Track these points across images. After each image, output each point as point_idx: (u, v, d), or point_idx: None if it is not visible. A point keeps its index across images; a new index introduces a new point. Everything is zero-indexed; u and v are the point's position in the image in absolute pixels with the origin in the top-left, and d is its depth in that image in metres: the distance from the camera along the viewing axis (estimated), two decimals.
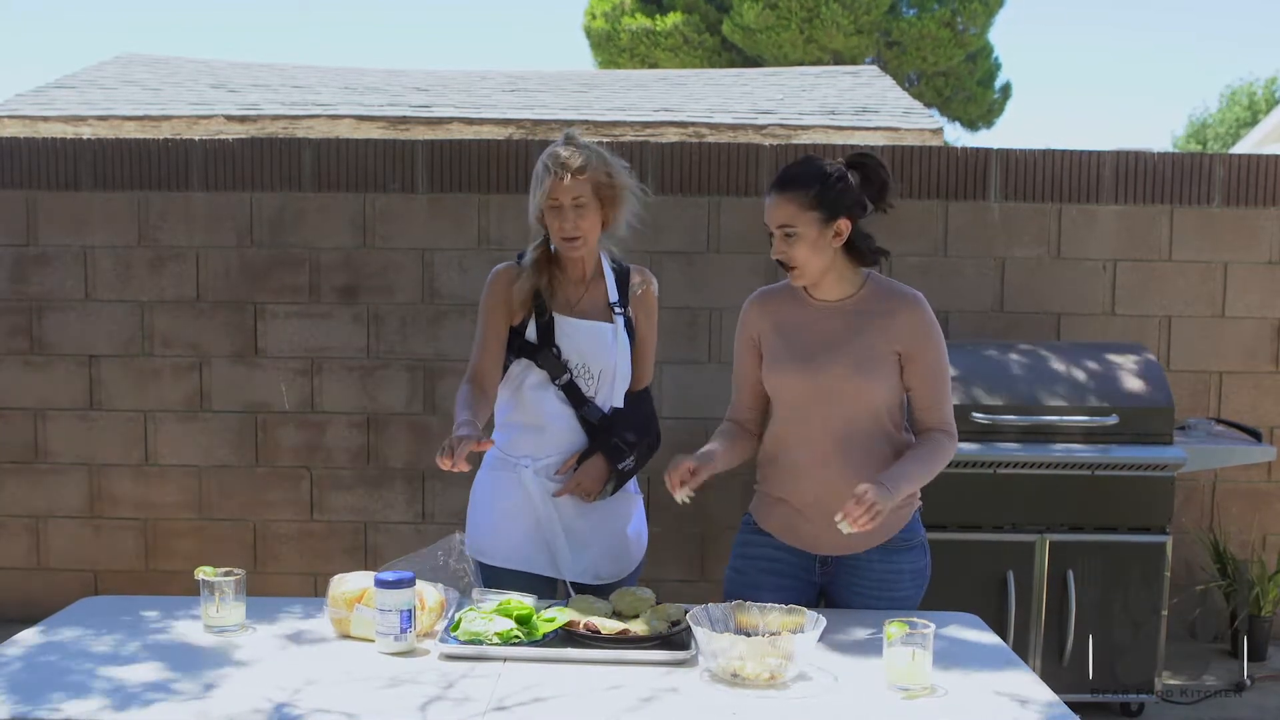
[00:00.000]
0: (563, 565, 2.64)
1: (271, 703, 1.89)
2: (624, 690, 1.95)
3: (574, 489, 2.61)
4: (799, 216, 2.31)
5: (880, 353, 2.38)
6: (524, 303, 2.60)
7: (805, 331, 2.42)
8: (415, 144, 4.55)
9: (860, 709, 1.90)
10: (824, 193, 2.31)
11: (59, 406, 4.59)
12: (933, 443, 2.41)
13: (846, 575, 2.46)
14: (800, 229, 2.32)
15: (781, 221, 2.33)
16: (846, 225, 2.34)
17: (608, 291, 2.65)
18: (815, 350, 2.39)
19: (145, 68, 9.85)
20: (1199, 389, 4.52)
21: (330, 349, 4.54)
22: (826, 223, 2.32)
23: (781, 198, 2.34)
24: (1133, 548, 3.71)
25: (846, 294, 2.43)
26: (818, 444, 2.40)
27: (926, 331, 2.41)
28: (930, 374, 2.42)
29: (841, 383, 2.36)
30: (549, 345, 2.59)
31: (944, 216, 4.48)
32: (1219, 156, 4.54)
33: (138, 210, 4.53)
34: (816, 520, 2.39)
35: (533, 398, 2.63)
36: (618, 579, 2.69)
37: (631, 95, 9.13)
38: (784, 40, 15.54)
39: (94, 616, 2.36)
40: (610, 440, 2.61)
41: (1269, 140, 11.87)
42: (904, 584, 2.46)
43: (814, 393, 2.38)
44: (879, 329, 2.39)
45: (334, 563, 4.45)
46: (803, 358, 2.39)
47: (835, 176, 2.33)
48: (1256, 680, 4.13)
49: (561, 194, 2.50)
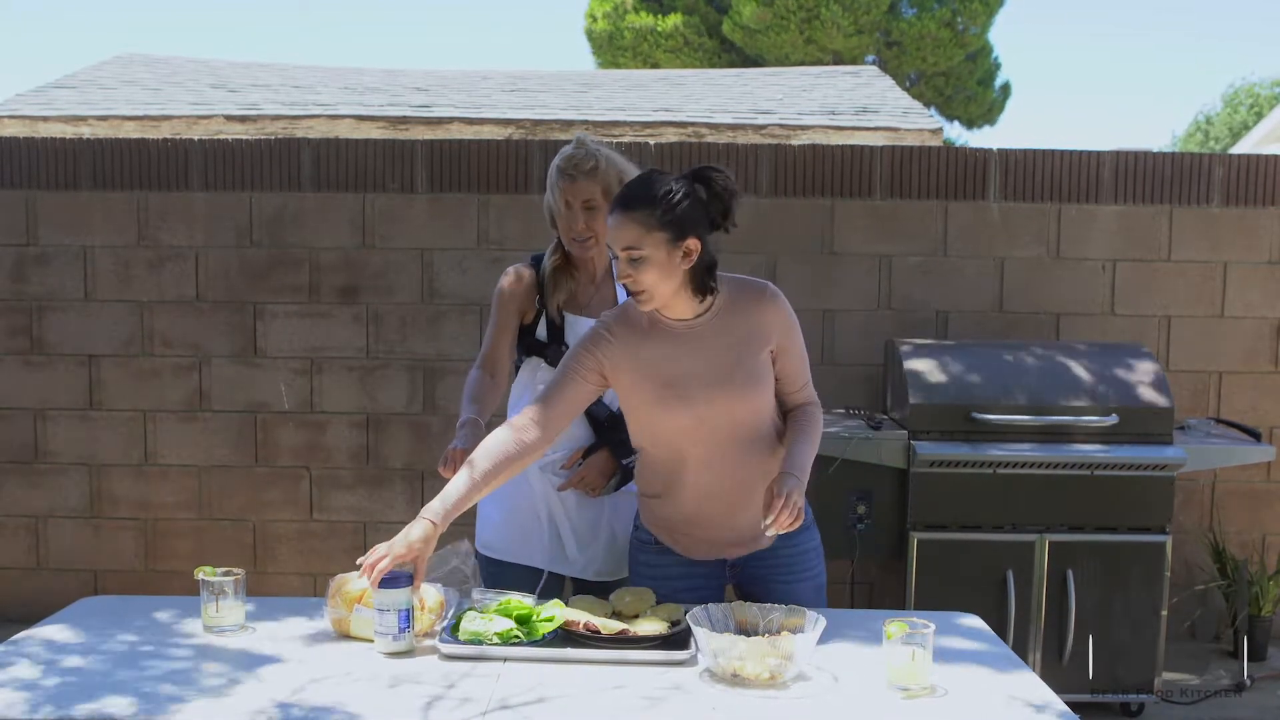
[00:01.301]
0: (569, 559, 2.68)
1: (272, 703, 1.89)
2: (623, 690, 1.95)
3: (578, 484, 2.64)
4: (645, 238, 2.14)
5: (760, 362, 2.28)
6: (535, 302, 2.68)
7: (674, 364, 2.26)
8: (415, 144, 4.55)
9: (860, 709, 1.90)
10: (669, 211, 2.15)
11: (59, 406, 4.59)
12: (808, 418, 2.35)
13: (755, 568, 2.44)
14: (647, 251, 2.14)
15: (626, 244, 2.15)
16: (696, 244, 2.18)
17: (616, 292, 2.70)
18: (695, 385, 2.25)
19: (145, 68, 9.85)
20: (1199, 389, 4.52)
21: (330, 349, 4.55)
22: (674, 243, 2.15)
23: (625, 217, 2.15)
24: (1133, 548, 3.71)
25: (700, 310, 2.27)
26: (707, 459, 2.32)
27: (788, 319, 2.32)
28: (798, 357, 2.35)
29: (732, 407, 2.27)
30: (559, 343, 2.64)
31: (943, 216, 4.49)
32: (1218, 156, 4.54)
33: (137, 210, 4.53)
34: (716, 528, 2.38)
35: None
36: (615, 577, 2.70)
37: (631, 95, 9.13)
38: (784, 41, 15.54)
39: (94, 616, 2.36)
40: (616, 436, 2.63)
41: (1269, 140, 11.87)
42: (811, 560, 2.45)
43: (701, 423, 2.27)
44: (748, 336, 2.28)
45: (334, 563, 4.45)
46: (683, 397, 2.25)
47: (681, 193, 2.17)
48: (1256, 680, 4.13)
49: (573, 195, 2.58)
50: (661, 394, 2.27)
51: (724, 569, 2.46)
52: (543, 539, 2.69)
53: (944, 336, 4.46)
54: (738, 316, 2.28)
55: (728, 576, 2.48)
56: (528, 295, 2.68)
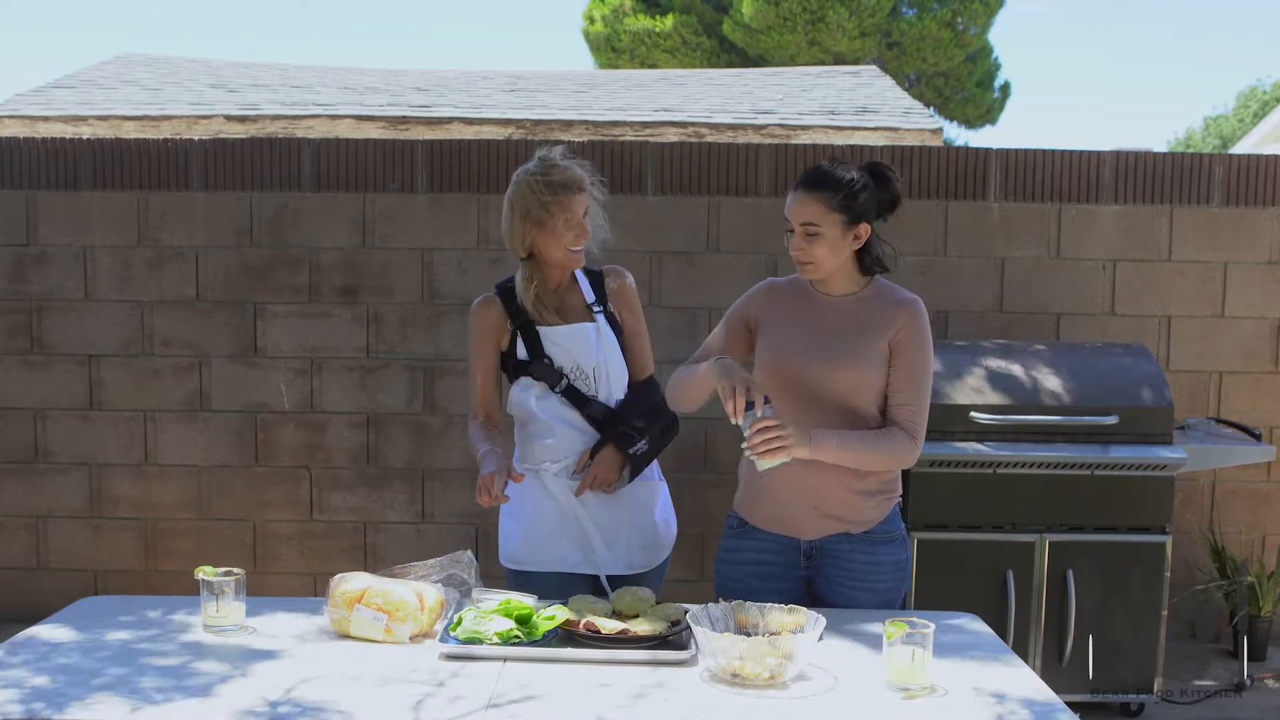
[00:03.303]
0: (600, 558, 2.69)
1: (271, 702, 1.89)
2: (624, 690, 1.95)
3: (591, 483, 2.65)
4: (825, 217, 2.37)
5: (877, 349, 2.42)
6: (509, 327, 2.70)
7: (809, 321, 2.47)
8: (415, 144, 4.55)
9: (860, 709, 1.90)
10: (851, 197, 2.38)
11: (59, 406, 4.59)
12: (888, 433, 2.41)
13: (829, 568, 2.50)
14: (824, 229, 2.38)
15: (806, 219, 2.39)
16: (866, 230, 2.42)
17: (583, 295, 2.73)
18: (816, 341, 2.44)
19: (145, 68, 9.85)
20: (1199, 389, 4.52)
21: (330, 349, 4.55)
22: (849, 226, 2.39)
23: (809, 196, 2.39)
24: (1133, 548, 3.71)
25: (850, 290, 2.49)
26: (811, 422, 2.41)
27: (917, 332, 2.44)
28: (910, 375, 2.43)
29: (837, 371, 2.41)
30: (540, 357, 2.66)
31: (944, 216, 4.49)
32: (1218, 156, 4.54)
33: (137, 210, 4.53)
34: (800, 504, 2.45)
35: (540, 408, 2.69)
36: (650, 567, 2.74)
37: (631, 95, 9.13)
38: (788, 42, 15.53)
39: (94, 616, 2.36)
40: (618, 429, 2.66)
41: (1269, 140, 11.87)
42: (885, 576, 2.50)
43: (809, 380, 2.42)
44: (877, 326, 2.44)
45: (334, 563, 4.46)
46: (802, 348, 2.44)
47: (861, 183, 2.39)
48: (1256, 680, 4.13)
49: (577, 208, 2.61)
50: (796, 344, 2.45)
51: (799, 557, 2.51)
52: (571, 542, 2.69)
53: (944, 336, 4.46)
54: (877, 307, 2.46)
55: (803, 567, 2.51)
56: (501, 325, 2.70)
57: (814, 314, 2.48)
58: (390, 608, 2.20)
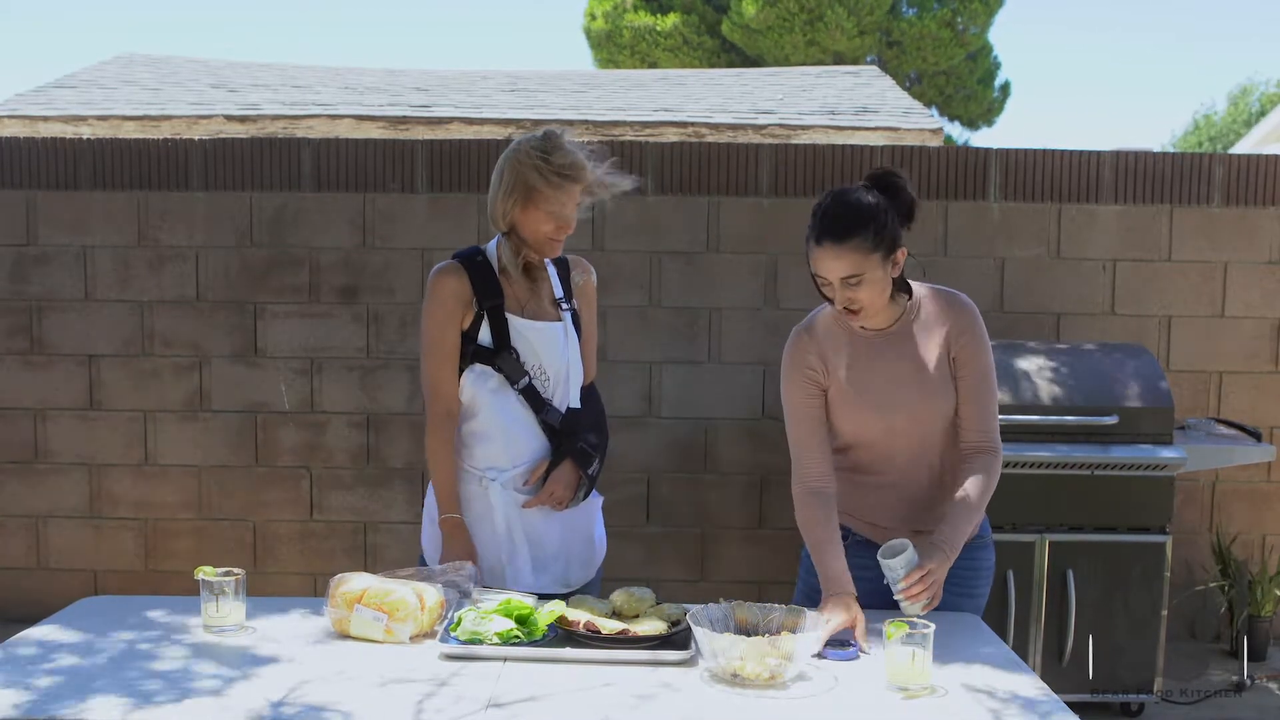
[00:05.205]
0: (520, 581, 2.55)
1: (271, 702, 1.89)
2: (623, 690, 1.95)
3: (547, 499, 2.55)
4: (864, 262, 2.21)
5: (941, 371, 2.35)
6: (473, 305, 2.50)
7: (868, 368, 2.35)
8: (415, 144, 4.55)
9: (860, 709, 1.90)
10: (880, 230, 2.22)
11: (59, 406, 4.59)
12: (983, 479, 2.36)
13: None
14: (867, 274, 2.22)
15: (847, 273, 2.21)
16: (903, 253, 2.28)
17: (552, 287, 2.60)
18: (884, 388, 2.34)
19: (145, 67, 9.85)
20: (1199, 389, 4.52)
21: (330, 349, 4.55)
22: (887, 257, 2.24)
23: (843, 248, 2.20)
24: (1132, 548, 3.71)
25: (894, 317, 2.36)
26: (893, 466, 2.40)
27: (973, 331, 2.35)
28: (976, 384, 2.36)
29: (916, 411, 2.35)
30: (507, 349, 2.51)
31: (944, 216, 4.49)
32: (1218, 156, 4.54)
33: (137, 210, 4.53)
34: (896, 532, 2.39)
35: (493, 403, 2.52)
36: (585, 583, 2.66)
37: (631, 95, 9.13)
38: (787, 42, 15.53)
39: (94, 616, 2.36)
40: (576, 444, 2.55)
41: (1269, 140, 11.87)
42: (981, 582, 2.47)
43: (890, 428, 2.36)
44: (933, 341, 2.35)
45: (334, 563, 4.46)
46: (875, 402, 2.35)
47: (883, 208, 2.24)
48: (1256, 680, 4.13)
49: (567, 200, 2.47)
50: (866, 398, 2.35)
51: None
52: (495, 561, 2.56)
53: None
54: (929, 320, 2.36)
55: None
56: (468, 302, 2.49)
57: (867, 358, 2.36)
58: (390, 608, 2.20)
